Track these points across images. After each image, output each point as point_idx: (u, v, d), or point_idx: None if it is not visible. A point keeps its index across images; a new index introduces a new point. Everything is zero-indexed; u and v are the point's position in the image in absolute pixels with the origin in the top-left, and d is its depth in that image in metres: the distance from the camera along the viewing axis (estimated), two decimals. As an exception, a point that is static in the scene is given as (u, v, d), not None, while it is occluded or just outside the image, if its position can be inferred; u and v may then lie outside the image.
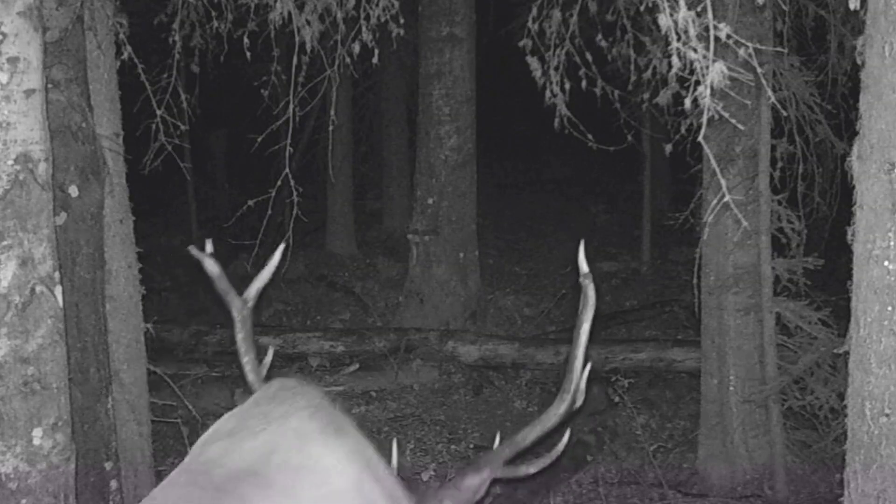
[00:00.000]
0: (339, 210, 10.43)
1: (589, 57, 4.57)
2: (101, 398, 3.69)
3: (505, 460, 2.43)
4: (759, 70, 2.39)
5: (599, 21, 4.78)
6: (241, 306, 2.63)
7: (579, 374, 2.39)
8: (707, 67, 2.27)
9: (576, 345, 2.39)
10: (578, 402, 2.43)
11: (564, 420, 2.43)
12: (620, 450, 5.41)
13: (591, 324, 2.37)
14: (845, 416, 2.58)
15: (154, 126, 4.26)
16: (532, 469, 2.45)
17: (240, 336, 2.61)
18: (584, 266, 2.45)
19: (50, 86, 3.28)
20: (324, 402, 2.24)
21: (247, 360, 2.59)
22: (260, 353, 2.63)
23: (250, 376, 2.57)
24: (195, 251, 2.65)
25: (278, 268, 2.72)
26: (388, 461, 2.34)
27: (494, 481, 2.46)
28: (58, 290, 2.80)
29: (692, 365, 5.90)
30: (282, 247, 2.81)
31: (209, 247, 2.67)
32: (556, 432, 2.46)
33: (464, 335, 6.91)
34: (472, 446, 5.45)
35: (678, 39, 2.31)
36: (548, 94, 4.41)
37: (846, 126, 4.64)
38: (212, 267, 2.61)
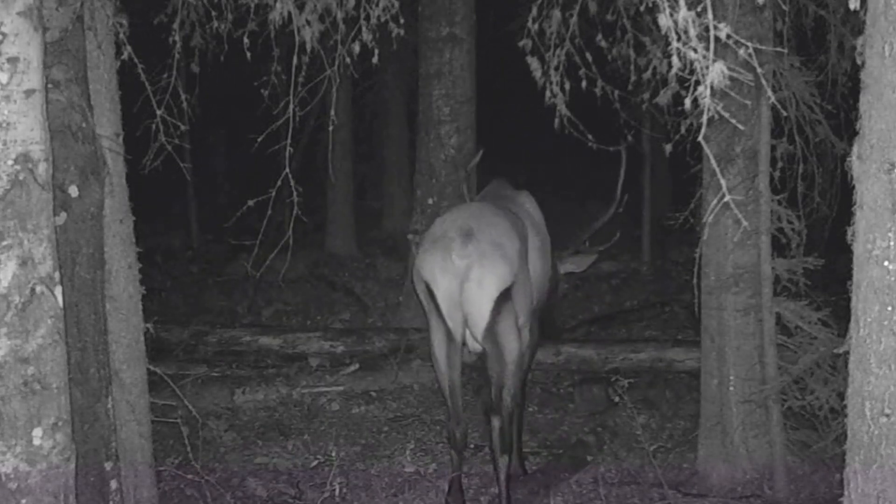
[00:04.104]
0: (339, 210, 10.43)
1: (589, 57, 4.57)
2: (101, 398, 3.69)
3: (583, 241, 5.56)
4: (759, 70, 2.38)
5: (599, 21, 4.78)
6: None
7: (620, 191, 5.50)
8: (707, 67, 2.27)
9: (619, 181, 5.45)
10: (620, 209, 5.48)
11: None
12: (620, 450, 5.41)
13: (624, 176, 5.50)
14: (845, 416, 2.58)
15: (154, 126, 4.25)
16: (601, 248, 5.66)
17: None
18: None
19: (50, 86, 3.28)
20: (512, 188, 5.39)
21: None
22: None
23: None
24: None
25: (278, 268, 2.80)
26: None
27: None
28: (58, 290, 2.80)
29: (692, 365, 5.90)
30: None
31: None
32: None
33: (464, 335, 6.91)
34: (472, 446, 5.44)
35: (678, 39, 2.31)
36: (548, 94, 4.41)
37: (846, 126, 4.63)
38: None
